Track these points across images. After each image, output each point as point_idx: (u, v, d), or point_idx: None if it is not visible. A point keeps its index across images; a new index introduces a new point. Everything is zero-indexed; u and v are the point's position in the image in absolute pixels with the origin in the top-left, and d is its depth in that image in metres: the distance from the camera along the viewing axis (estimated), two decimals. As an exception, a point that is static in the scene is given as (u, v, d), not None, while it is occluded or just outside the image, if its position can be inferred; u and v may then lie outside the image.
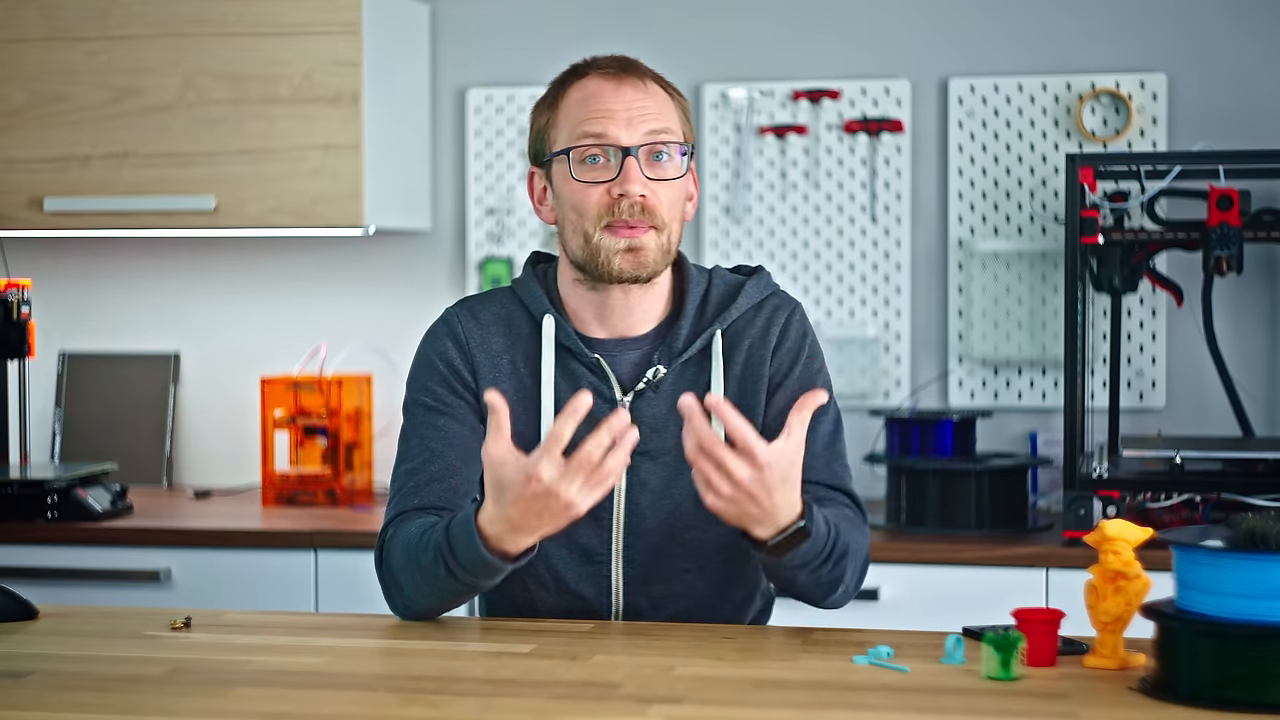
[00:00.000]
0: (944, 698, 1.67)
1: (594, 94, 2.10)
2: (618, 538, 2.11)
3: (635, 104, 2.09)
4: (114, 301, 3.89)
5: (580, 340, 2.13)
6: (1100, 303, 3.43)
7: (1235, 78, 3.49)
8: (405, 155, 3.64)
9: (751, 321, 2.15)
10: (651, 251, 2.08)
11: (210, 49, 3.45)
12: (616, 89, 2.10)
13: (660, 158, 2.09)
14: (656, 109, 2.10)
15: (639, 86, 2.10)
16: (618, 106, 2.08)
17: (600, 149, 2.08)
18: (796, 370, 2.14)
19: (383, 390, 3.69)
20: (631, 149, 2.07)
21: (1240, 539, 1.62)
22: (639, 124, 2.08)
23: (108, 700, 1.69)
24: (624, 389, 2.12)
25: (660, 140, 2.09)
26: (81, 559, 3.23)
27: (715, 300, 2.16)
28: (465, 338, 2.16)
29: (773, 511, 1.90)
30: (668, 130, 2.10)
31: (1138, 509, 3.00)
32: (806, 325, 2.18)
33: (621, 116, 2.08)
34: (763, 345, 2.14)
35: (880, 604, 3.02)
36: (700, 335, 2.13)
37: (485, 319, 2.17)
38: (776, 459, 1.86)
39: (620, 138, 2.07)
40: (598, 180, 2.08)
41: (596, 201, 2.07)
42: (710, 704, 1.66)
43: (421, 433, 2.13)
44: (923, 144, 3.60)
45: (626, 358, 2.14)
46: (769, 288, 2.19)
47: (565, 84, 2.13)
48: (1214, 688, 1.60)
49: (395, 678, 1.77)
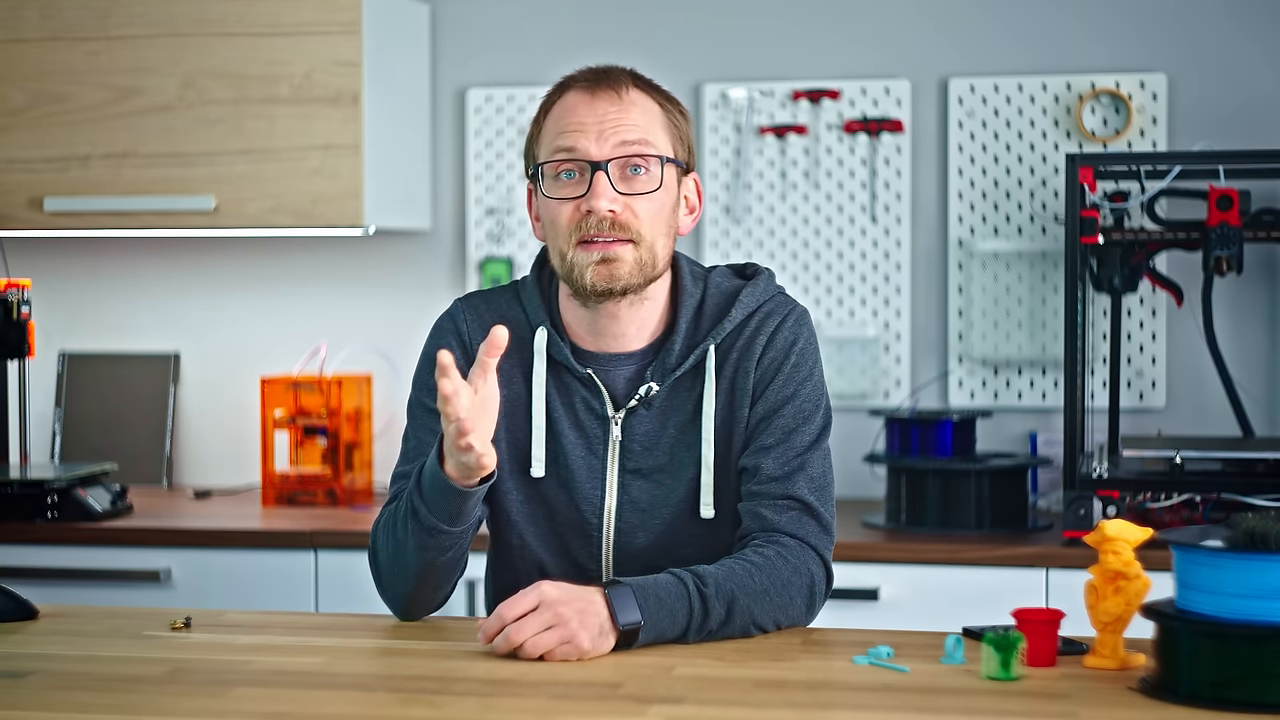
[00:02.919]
0: (944, 698, 1.67)
1: (569, 108, 2.06)
2: (607, 555, 2.11)
3: (608, 116, 2.04)
4: (114, 301, 3.89)
5: (574, 354, 2.11)
6: (1100, 303, 3.43)
7: (1235, 78, 3.49)
8: (405, 155, 3.64)
9: (742, 331, 2.11)
10: (626, 264, 2.03)
11: (210, 49, 3.45)
12: (591, 102, 2.05)
13: (637, 170, 2.04)
14: (633, 120, 2.04)
15: (614, 98, 2.05)
16: (589, 120, 2.04)
17: (573, 163, 2.04)
18: (779, 379, 2.09)
19: (383, 390, 3.69)
20: (601, 163, 2.02)
21: (1240, 539, 1.62)
22: (610, 136, 2.03)
23: (108, 700, 1.69)
24: (617, 405, 2.10)
25: (634, 153, 2.04)
26: (81, 559, 3.23)
27: (709, 312, 2.12)
28: (468, 337, 2.14)
29: (585, 613, 1.85)
30: (643, 141, 2.04)
31: (1138, 509, 3.01)
32: (799, 332, 2.11)
33: (593, 130, 2.03)
34: (748, 355, 2.10)
35: (880, 604, 3.02)
36: (694, 350, 2.10)
37: (489, 320, 2.14)
38: (519, 600, 1.85)
39: (590, 151, 2.03)
40: (568, 196, 2.04)
41: (568, 218, 2.04)
42: (710, 704, 1.66)
43: (420, 435, 2.13)
44: (923, 144, 3.60)
45: (620, 373, 2.11)
46: (766, 293, 2.13)
47: (550, 98, 2.10)
48: (1214, 688, 1.60)
49: (395, 678, 1.77)
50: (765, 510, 2.04)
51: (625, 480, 2.09)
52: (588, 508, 2.10)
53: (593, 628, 1.84)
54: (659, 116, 2.08)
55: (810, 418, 2.09)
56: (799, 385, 2.09)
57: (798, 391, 2.09)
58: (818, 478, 2.07)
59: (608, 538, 2.10)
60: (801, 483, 2.05)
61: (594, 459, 2.10)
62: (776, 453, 2.06)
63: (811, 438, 2.08)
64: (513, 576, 2.11)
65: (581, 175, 2.04)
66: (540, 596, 1.85)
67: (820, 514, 2.06)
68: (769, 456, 2.06)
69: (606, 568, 2.11)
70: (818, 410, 2.10)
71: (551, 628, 1.83)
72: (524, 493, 2.12)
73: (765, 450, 2.06)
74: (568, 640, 1.82)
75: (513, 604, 1.85)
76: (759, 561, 1.98)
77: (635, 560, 2.08)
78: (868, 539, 3.10)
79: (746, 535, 2.05)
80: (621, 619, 1.86)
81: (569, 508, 2.11)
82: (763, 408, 2.08)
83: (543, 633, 1.82)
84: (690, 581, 1.92)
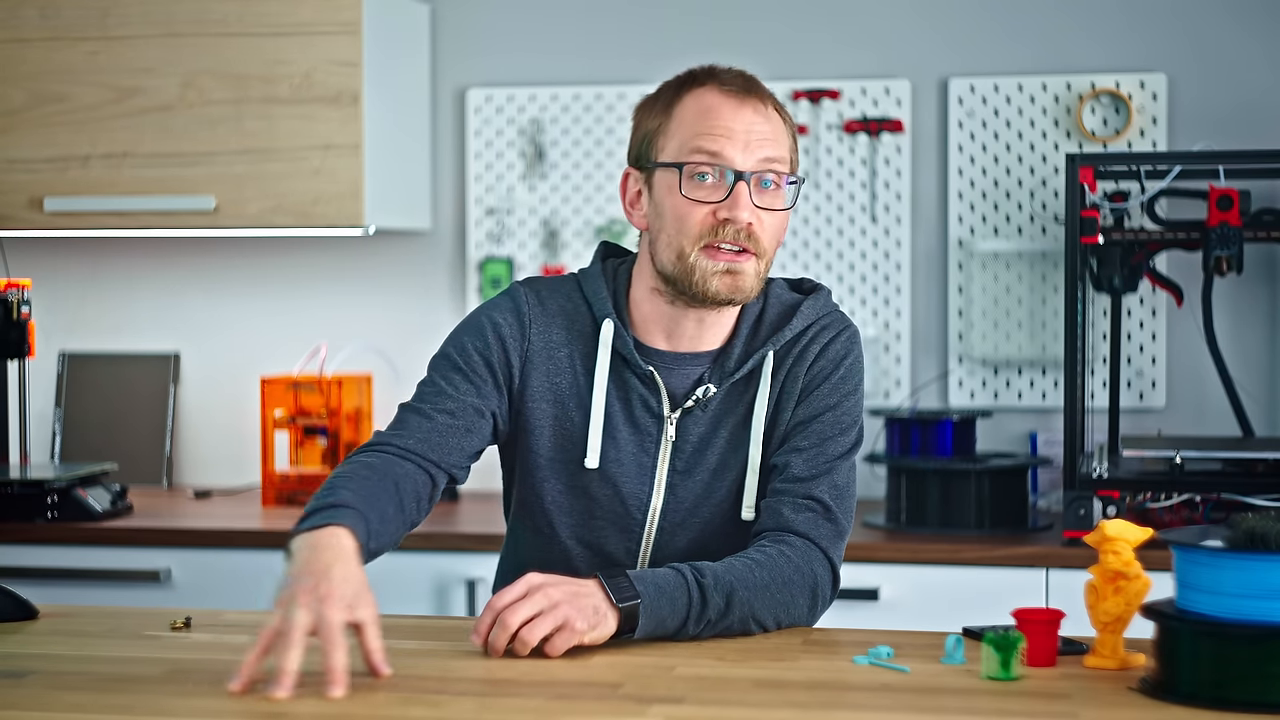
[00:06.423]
0: (944, 698, 1.67)
1: (713, 108, 2.03)
2: (646, 552, 2.11)
3: (754, 127, 2.03)
4: (114, 301, 3.89)
5: (638, 350, 2.11)
6: (1100, 303, 3.43)
7: (1235, 78, 3.49)
8: (405, 155, 3.64)
9: (799, 340, 2.12)
10: (749, 277, 2.04)
11: (210, 49, 3.45)
12: (738, 108, 2.03)
13: (768, 185, 2.04)
14: (773, 135, 2.04)
15: (759, 109, 2.04)
16: (737, 126, 2.02)
17: (712, 168, 2.02)
18: (824, 388, 2.10)
19: (383, 390, 3.69)
20: (745, 174, 2.01)
21: (1240, 539, 1.62)
22: (755, 149, 2.02)
23: (107, 700, 1.68)
24: (673, 404, 2.10)
25: (773, 169, 2.03)
26: (81, 559, 3.23)
27: (770, 320, 2.12)
28: (529, 319, 2.12)
29: (577, 595, 1.85)
30: (781, 160, 2.04)
31: (1138, 509, 3.01)
32: (850, 348, 2.13)
33: (740, 138, 2.02)
34: (800, 362, 2.11)
35: (880, 604, 3.02)
36: (752, 356, 2.10)
37: (551, 308, 2.13)
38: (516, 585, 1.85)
39: (735, 160, 2.01)
40: (705, 200, 2.02)
41: (700, 221, 2.02)
42: (710, 704, 1.66)
43: (437, 383, 2.10)
44: (923, 144, 3.60)
45: (682, 372, 2.10)
46: (825, 309, 2.14)
47: (682, 89, 2.07)
48: (1214, 688, 1.60)
49: (395, 678, 1.77)
50: (785, 508, 2.05)
51: (674, 480, 2.10)
52: (634, 504, 2.10)
53: (587, 610, 1.84)
54: (788, 135, 2.08)
55: (846, 431, 2.10)
56: (843, 398, 2.11)
57: (840, 403, 2.11)
58: (841, 485, 2.09)
59: (649, 535, 2.11)
60: (824, 486, 2.07)
61: (645, 456, 2.10)
62: (807, 455, 2.07)
63: (844, 449, 2.10)
64: (536, 563, 2.08)
65: (719, 180, 2.02)
66: (528, 584, 1.85)
67: (837, 517, 2.07)
68: (800, 457, 2.07)
69: (643, 564, 2.11)
70: (854, 426, 2.11)
71: (543, 613, 1.82)
72: (566, 483, 2.12)
73: (797, 451, 2.08)
74: (561, 624, 1.82)
75: (502, 595, 1.85)
76: (760, 559, 1.99)
77: (672, 559, 2.07)
78: (868, 539, 3.10)
79: (758, 533, 2.06)
80: (619, 599, 1.85)
81: (614, 502, 2.10)
82: (804, 412, 2.10)
83: (535, 620, 1.82)
84: (688, 572, 1.92)
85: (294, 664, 1.67)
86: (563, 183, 3.69)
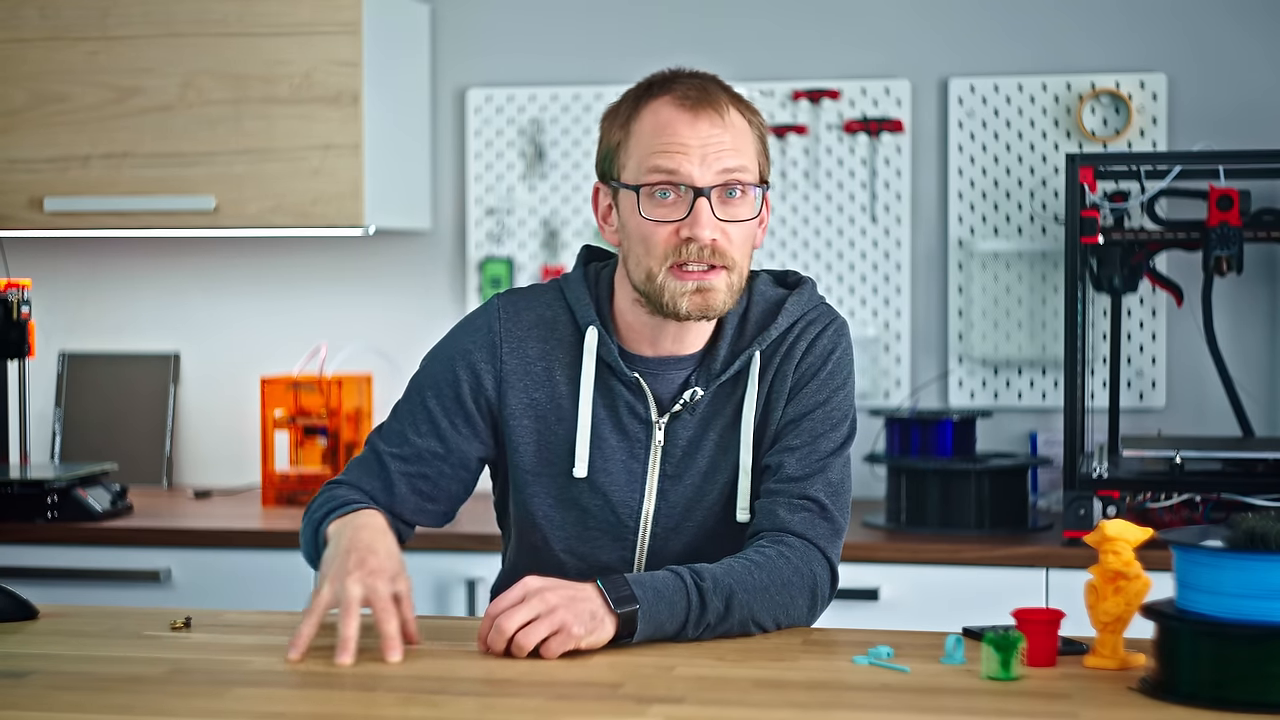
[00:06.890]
0: (944, 698, 1.67)
1: (668, 124, 1.99)
2: (640, 558, 2.11)
3: (711, 139, 1.98)
4: (114, 301, 3.89)
5: (622, 357, 2.09)
6: (1100, 303, 3.43)
7: (1235, 78, 3.49)
8: (405, 155, 3.64)
9: (785, 338, 2.10)
10: (720, 293, 2.01)
11: (210, 49, 3.45)
12: (693, 121, 1.98)
13: (733, 194, 2.00)
14: (734, 143, 2.00)
15: (716, 119, 1.99)
16: (693, 141, 1.98)
17: (671, 185, 1.99)
18: (813, 384, 2.08)
19: (383, 390, 3.69)
20: (704, 189, 1.98)
21: (1240, 539, 1.62)
22: (713, 161, 1.98)
23: (107, 700, 1.69)
24: (661, 409, 2.09)
25: (735, 180, 2.00)
26: (81, 559, 3.23)
27: (755, 319, 2.11)
28: (500, 339, 2.11)
29: (574, 599, 1.85)
30: (743, 168, 2.00)
31: (1138, 509, 3.00)
32: (838, 342, 2.10)
33: (696, 152, 1.98)
34: (788, 360, 2.09)
35: (880, 604, 3.02)
36: (738, 356, 2.09)
37: (527, 320, 2.11)
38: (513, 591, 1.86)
39: (694, 175, 1.97)
40: (666, 219, 1.99)
41: (664, 240, 1.99)
42: (710, 704, 1.66)
43: (406, 425, 2.12)
44: (923, 144, 3.60)
45: (668, 376, 2.09)
46: (810, 303, 2.12)
47: (640, 102, 2.03)
48: (1214, 688, 1.60)
49: (395, 678, 1.77)
50: (780, 509, 2.04)
51: (664, 485, 2.09)
52: (625, 511, 2.09)
53: (583, 615, 1.83)
54: (752, 138, 2.03)
55: (838, 426, 2.09)
56: (832, 393, 2.09)
57: (830, 399, 2.09)
58: (836, 483, 2.08)
59: (642, 542, 2.10)
60: (819, 484, 2.06)
61: (635, 463, 2.09)
62: (800, 454, 2.06)
63: (836, 445, 2.09)
64: (532, 574, 2.08)
65: (679, 197, 1.99)
66: (526, 588, 1.85)
67: (833, 516, 2.06)
68: (793, 456, 2.06)
69: (638, 570, 2.10)
70: (845, 420, 2.10)
71: (539, 617, 1.82)
72: (556, 495, 2.11)
73: (790, 450, 2.07)
74: (558, 628, 1.82)
75: (499, 600, 1.85)
76: (759, 560, 1.98)
77: (668, 564, 2.05)
78: (868, 539, 3.10)
79: (755, 534, 2.05)
80: (616, 604, 1.85)
81: (604, 510, 2.09)
82: (794, 410, 2.08)
83: (532, 625, 1.82)
84: (687, 576, 1.92)
85: (355, 631, 1.83)
86: (563, 183, 3.69)
